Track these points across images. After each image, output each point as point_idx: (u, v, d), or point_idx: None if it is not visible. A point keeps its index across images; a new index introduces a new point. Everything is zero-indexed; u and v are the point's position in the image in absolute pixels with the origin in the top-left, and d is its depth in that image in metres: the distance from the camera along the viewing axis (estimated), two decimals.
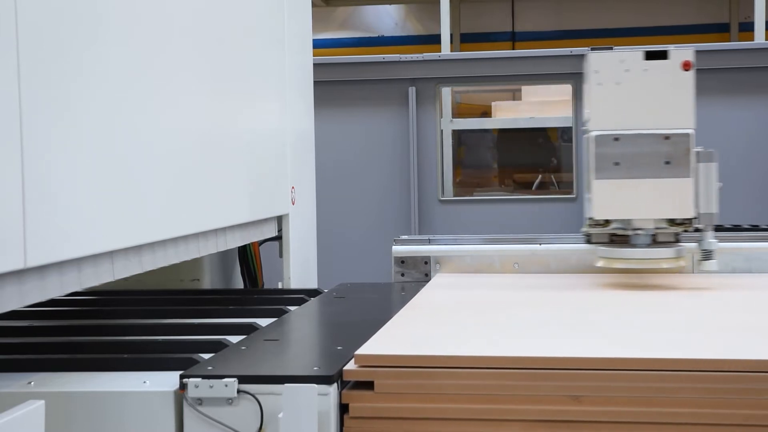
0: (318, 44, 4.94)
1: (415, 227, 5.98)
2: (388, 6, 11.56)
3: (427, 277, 3.13)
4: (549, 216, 5.99)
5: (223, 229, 2.71)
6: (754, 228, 4.43)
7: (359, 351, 1.94)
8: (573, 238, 3.13)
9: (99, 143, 1.91)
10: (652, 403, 1.78)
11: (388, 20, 11.49)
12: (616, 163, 2.65)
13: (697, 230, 2.72)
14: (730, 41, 9.77)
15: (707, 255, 2.71)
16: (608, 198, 2.67)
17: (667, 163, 2.63)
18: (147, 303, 2.87)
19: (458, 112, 8.00)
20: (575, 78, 5.91)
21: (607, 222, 2.74)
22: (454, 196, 6.36)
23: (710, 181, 2.65)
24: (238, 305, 2.78)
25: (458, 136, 7.09)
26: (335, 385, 1.84)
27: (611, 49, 5.78)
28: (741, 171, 5.76)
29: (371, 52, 10.24)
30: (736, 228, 4.29)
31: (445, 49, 8.13)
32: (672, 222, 2.70)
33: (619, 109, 2.67)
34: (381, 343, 2.05)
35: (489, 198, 6.88)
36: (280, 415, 1.78)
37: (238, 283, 3.43)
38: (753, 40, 7.72)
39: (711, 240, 2.71)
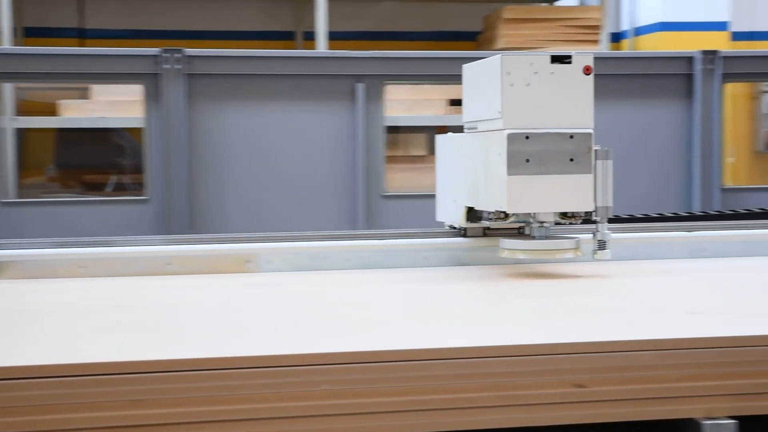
0: None
1: None
2: None
3: None
4: (121, 218, 5.88)
5: None
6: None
7: None
8: (145, 240, 3.09)
9: None
10: (215, 401, 1.81)
11: None
12: (527, 160, 2.78)
13: (588, 222, 2.91)
14: (296, 49, 10.24)
15: (602, 245, 2.91)
16: (520, 193, 2.79)
17: (571, 160, 2.80)
18: None
19: (23, 109, 7.58)
20: (146, 78, 5.85)
21: (506, 216, 2.86)
22: (18, 198, 6.02)
23: (607, 176, 2.85)
24: None
25: (23, 135, 6.73)
26: None
27: (181, 51, 5.79)
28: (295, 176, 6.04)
29: None
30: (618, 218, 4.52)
31: (7, 43, 7.68)
32: (564, 215, 2.88)
33: (528, 109, 2.81)
34: None
35: (57, 200, 6.59)
36: None
37: None
38: (316, 48, 8.21)
39: (606, 231, 2.90)
